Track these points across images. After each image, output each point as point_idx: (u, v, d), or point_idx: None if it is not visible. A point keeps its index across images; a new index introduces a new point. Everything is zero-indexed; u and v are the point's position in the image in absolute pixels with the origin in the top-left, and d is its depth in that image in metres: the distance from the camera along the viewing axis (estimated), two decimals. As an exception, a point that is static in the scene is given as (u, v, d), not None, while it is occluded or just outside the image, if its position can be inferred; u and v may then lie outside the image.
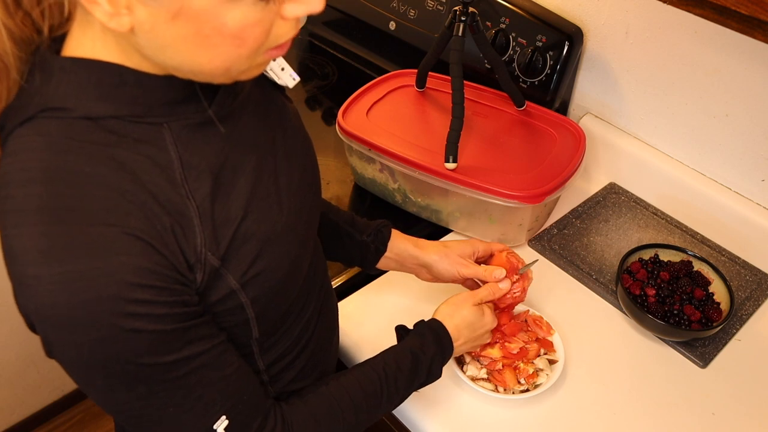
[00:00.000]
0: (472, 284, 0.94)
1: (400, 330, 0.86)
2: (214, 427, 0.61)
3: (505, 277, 0.90)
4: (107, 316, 0.51)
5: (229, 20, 0.49)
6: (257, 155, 0.63)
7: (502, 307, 0.93)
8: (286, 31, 0.53)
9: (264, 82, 0.70)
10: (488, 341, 0.90)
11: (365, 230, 0.92)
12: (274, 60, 0.67)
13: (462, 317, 0.85)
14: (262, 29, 0.51)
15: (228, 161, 0.60)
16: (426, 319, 0.84)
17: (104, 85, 0.54)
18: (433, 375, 0.81)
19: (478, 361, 0.93)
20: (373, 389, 0.74)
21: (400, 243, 0.93)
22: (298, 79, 0.71)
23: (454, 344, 0.83)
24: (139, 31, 0.50)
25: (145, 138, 0.55)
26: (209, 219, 0.57)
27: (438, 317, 0.85)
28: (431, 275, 0.94)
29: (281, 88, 0.73)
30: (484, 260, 0.95)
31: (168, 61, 0.53)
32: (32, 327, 0.55)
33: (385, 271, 1.09)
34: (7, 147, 0.54)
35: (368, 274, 1.09)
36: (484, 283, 0.90)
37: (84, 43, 0.54)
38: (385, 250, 0.92)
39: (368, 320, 1.02)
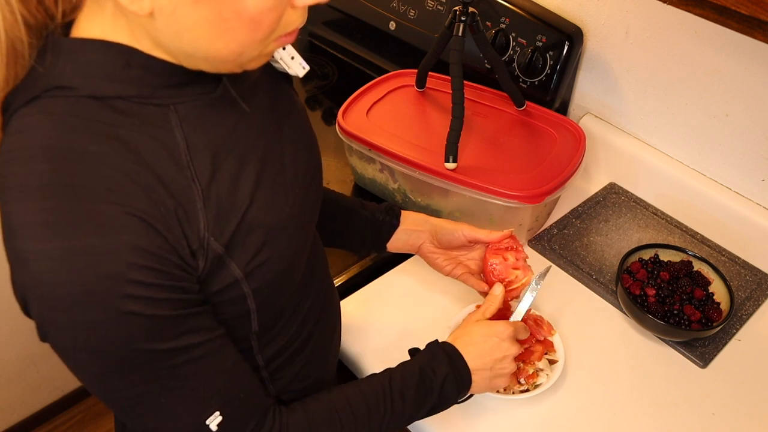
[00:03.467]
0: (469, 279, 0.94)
1: (413, 352, 0.84)
2: (207, 422, 0.60)
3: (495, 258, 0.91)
4: (105, 295, 0.50)
5: (249, 3, 0.50)
6: (265, 143, 0.64)
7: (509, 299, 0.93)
8: (294, 19, 0.55)
9: (274, 72, 0.71)
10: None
11: (376, 210, 0.96)
12: (284, 49, 0.68)
13: (471, 331, 0.85)
14: (276, 15, 0.52)
15: (236, 146, 0.60)
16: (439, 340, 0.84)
17: (112, 65, 0.54)
18: (447, 397, 0.78)
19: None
20: (377, 403, 0.73)
21: (409, 214, 0.97)
22: (307, 67, 0.71)
23: (466, 358, 0.81)
24: (159, 14, 0.50)
25: (151, 119, 0.55)
26: (213, 203, 0.57)
27: (449, 340, 0.84)
28: (436, 240, 0.95)
29: (290, 81, 0.74)
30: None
31: (184, 46, 0.53)
32: (26, 309, 0.54)
33: (389, 269, 1.09)
34: (10, 126, 0.54)
35: (368, 273, 1.09)
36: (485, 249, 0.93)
37: (93, 27, 0.54)
38: (398, 224, 0.96)
39: (369, 320, 1.02)
